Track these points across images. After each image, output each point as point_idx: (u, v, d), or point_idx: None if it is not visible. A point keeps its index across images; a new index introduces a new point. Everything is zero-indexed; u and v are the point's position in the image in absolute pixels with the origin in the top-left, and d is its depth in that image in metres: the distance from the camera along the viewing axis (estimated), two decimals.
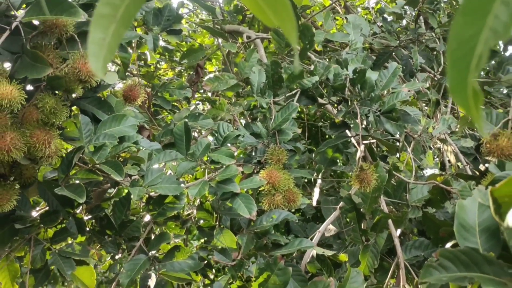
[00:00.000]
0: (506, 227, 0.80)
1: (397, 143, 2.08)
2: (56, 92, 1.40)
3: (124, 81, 1.85)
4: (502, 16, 0.33)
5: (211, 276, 2.13)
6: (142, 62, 3.18)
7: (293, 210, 1.94)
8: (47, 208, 1.73)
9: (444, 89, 2.73)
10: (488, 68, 2.38)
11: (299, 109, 3.10)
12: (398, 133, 2.04)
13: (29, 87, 1.49)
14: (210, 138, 2.27)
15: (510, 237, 0.93)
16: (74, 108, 1.62)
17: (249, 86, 2.11)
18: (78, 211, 1.86)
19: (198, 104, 3.10)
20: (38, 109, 1.30)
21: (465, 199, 1.15)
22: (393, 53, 2.66)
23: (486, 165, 1.80)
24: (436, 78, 2.72)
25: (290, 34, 0.40)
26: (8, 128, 1.24)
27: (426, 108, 2.54)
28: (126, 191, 1.70)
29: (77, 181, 1.55)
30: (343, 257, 1.87)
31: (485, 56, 0.34)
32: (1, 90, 1.16)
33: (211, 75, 2.27)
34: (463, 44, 0.35)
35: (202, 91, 3.36)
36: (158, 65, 3.86)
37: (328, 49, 3.19)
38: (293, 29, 0.41)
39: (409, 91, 1.75)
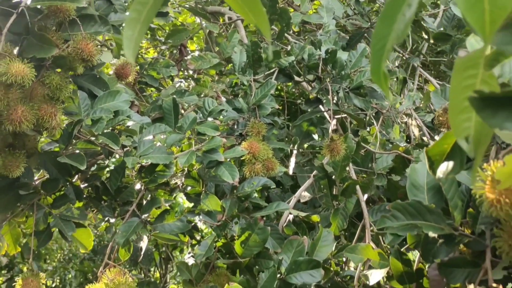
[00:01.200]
0: (437, 179, 1.00)
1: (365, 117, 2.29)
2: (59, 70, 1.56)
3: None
4: (401, 25, 0.52)
5: (198, 237, 2.33)
6: None
7: (273, 186, 2.14)
8: (47, 176, 1.89)
9: (412, 68, 2.94)
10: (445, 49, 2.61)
11: (279, 87, 3.29)
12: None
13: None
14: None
15: (447, 192, 1.15)
16: (71, 85, 1.78)
17: (230, 65, 2.28)
18: (74, 180, 2.03)
19: (181, 81, 3.25)
20: (45, 85, 1.46)
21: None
22: (365, 34, 2.85)
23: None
24: (404, 58, 2.93)
25: (265, 32, 0.58)
26: (19, 102, 1.40)
27: (394, 85, 2.74)
28: (120, 160, 1.87)
29: (77, 151, 1.72)
30: (315, 217, 2.09)
31: (391, 50, 0.53)
32: (15, 68, 1.31)
33: (195, 54, 2.43)
34: (380, 41, 0.55)
35: (183, 69, 3.51)
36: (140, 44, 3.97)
37: (307, 28, 3.37)
38: (267, 28, 0.59)
39: None
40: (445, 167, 0.95)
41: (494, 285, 1.09)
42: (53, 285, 6.89)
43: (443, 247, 1.27)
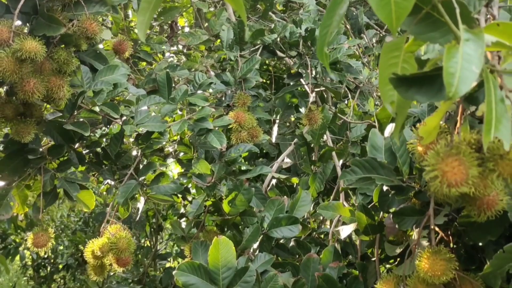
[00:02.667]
0: (385, 138, 1.22)
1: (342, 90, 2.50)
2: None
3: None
4: (338, 17, 0.73)
5: (190, 198, 2.54)
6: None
7: (257, 151, 2.35)
8: (52, 143, 2.09)
9: None
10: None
11: (267, 62, 3.48)
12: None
13: None
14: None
15: (397, 150, 1.37)
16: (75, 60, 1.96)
17: (219, 41, 2.47)
18: (76, 146, 2.23)
19: (173, 56, 3.42)
20: (53, 60, 1.64)
21: None
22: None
23: None
24: (381, 35, 3.12)
25: (241, 15, 0.79)
26: (31, 75, 1.59)
27: (371, 61, 2.95)
28: (119, 128, 2.06)
29: (81, 119, 1.92)
30: (294, 180, 2.32)
31: (331, 35, 0.74)
32: (28, 45, 1.50)
33: (185, 30, 2.62)
34: (325, 28, 0.75)
35: (174, 44, 3.68)
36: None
37: (292, 7, 3.54)
38: (243, 12, 0.79)
39: (349, 47, 2.15)
40: (390, 128, 1.17)
41: (436, 228, 1.32)
42: (45, 256, 7.12)
43: (395, 198, 1.50)
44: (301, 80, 2.40)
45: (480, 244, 1.38)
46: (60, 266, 7.06)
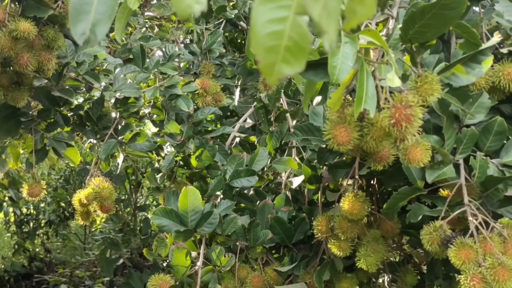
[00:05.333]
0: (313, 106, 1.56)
1: None
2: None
3: None
4: None
5: (162, 154, 2.87)
6: None
7: (221, 113, 2.66)
8: (41, 107, 2.38)
9: None
10: None
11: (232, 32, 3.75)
12: None
13: None
14: (160, 53, 2.92)
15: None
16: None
17: None
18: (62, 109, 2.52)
19: (146, 27, 3.66)
20: (43, 37, 1.92)
21: None
22: None
23: None
24: None
25: None
26: (24, 50, 1.87)
27: None
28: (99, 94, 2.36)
29: (66, 87, 2.21)
30: (252, 138, 2.67)
31: None
32: (22, 26, 1.78)
33: (158, 2, 2.88)
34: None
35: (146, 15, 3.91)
36: None
37: None
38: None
39: None
40: (317, 99, 1.51)
41: (351, 181, 1.69)
42: (28, 212, 7.39)
43: (330, 154, 1.85)
44: None
45: (389, 189, 1.76)
46: (43, 222, 7.32)
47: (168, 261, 2.22)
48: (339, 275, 1.96)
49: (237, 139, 2.76)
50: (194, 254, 2.29)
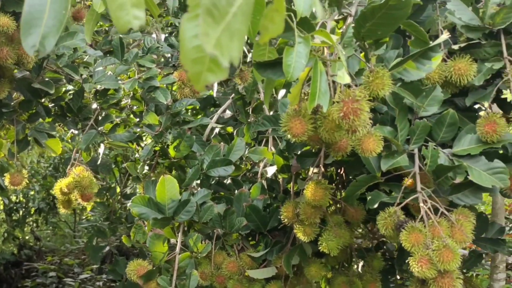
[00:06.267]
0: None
1: None
2: None
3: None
4: None
5: (142, 144, 2.95)
6: None
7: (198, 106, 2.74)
8: (22, 98, 2.44)
9: None
10: None
11: None
12: None
13: None
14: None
15: None
16: None
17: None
18: (43, 101, 2.58)
19: None
20: None
21: None
22: None
23: None
24: None
25: None
26: (4, 44, 1.93)
27: None
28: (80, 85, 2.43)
29: (46, 79, 2.28)
30: (229, 129, 2.75)
31: None
32: (3, 20, 1.84)
33: None
34: None
35: None
36: None
37: None
38: None
39: None
40: (282, 92, 1.59)
41: (316, 169, 1.78)
42: (17, 200, 7.43)
43: (297, 144, 1.94)
44: None
45: (351, 177, 1.85)
46: (32, 210, 7.37)
47: None
48: (308, 259, 2.06)
49: (217, 130, 2.84)
50: (173, 241, 2.38)
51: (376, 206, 1.57)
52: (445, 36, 1.33)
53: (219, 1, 0.59)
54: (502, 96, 1.73)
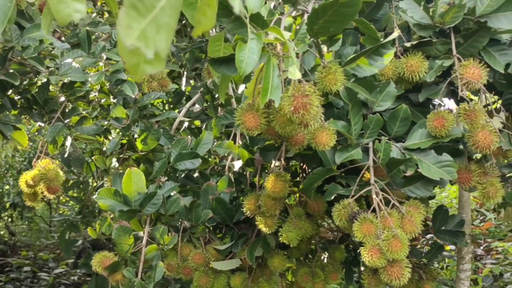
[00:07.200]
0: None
1: None
2: None
3: None
4: None
5: (110, 138, 2.95)
6: None
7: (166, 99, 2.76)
8: None
9: None
10: None
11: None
12: None
13: None
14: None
15: None
16: None
17: None
18: (9, 93, 2.57)
19: (97, 11, 3.69)
20: None
21: None
22: None
23: None
24: None
25: None
26: None
27: None
28: (46, 78, 2.42)
29: (11, 71, 2.27)
30: (197, 122, 2.77)
31: None
32: None
33: None
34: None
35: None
36: None
37: None
38: None
39: None
40: (242, 87, 1.62)
41: (278, 163, 1.82)
42: None
43: (261, 139, 1.98)
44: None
45: (310, 169, 1.89)
46: (7, 205, 7.28)
47: None
48: (272, 251, 2.10)
49: (186, 123, 2.86)
50: (141, 233, 2.39)
51: (332, 198, 1.62)
52: (395, 34, 1.37)
53: None
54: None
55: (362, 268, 2.66)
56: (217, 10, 0.73)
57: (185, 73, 2.86)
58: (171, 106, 3.35)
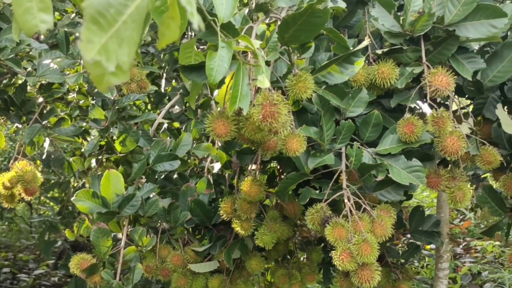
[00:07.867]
0: None
1: None
2: None
3: None
4: None
5: (88, 139, 2.95)
6: None
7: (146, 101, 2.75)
8: None
9: None
10: None
11: None
12: None
13: None
14: None
15: None
16: None
17: None
18: None
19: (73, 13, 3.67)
20: None
21: None
22: None
23: None
24: None
25: None
26: None
27: None
28: (24, 79, 2.41)
29: None
30: (176, 124, 2.78)
31: None
32: None
33: None
34: None
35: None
36: None
37: None
38: None
39: None
40: (216, 93, 1.63)
41: (255, 166, 1.85)
42: None
43: (237, 143, 2.00)
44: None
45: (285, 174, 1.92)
46: None
47: None
48: (249, 253, 2.12)
49: (166, 125, 2.87)
50: (120, 235, 2.40)
51: (306, 202, 1.65)
52: (365, 42, 1.40)
53: (107, 10, 0.63)
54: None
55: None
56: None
57: (165, 74, 2.87)
58: (154, 106, 3.35)
